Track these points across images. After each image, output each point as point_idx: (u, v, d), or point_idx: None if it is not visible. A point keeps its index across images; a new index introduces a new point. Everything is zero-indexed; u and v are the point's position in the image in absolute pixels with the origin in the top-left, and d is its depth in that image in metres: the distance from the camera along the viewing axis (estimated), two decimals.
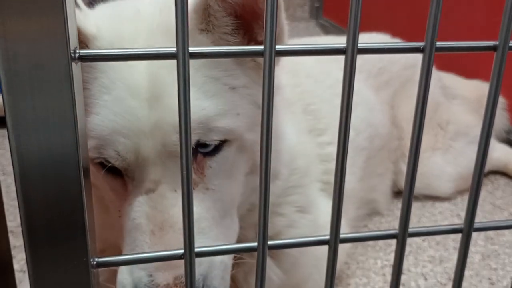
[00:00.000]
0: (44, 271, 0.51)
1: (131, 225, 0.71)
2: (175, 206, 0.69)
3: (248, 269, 0.93)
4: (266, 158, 0.52)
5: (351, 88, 0.50)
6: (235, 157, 0.76)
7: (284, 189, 0.97)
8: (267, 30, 0.47)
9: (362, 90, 1.51)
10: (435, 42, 0.50)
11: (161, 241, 0.68)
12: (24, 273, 1.22)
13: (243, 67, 0.76)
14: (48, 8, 0.42)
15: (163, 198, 0.70)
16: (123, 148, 0.68)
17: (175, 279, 0.66)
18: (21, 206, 0.48)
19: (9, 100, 0.44)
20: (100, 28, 0.73)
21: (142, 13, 0.76)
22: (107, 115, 0.68)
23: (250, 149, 0.78)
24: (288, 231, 0.96)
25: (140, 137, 0.68)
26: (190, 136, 0.49)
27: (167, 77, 0.69)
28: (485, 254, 1.39)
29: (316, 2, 3.97)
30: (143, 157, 0.69)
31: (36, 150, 0.46)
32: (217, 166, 0.74)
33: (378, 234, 0.61)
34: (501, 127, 1.91)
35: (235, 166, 0.77)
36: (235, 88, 0.74)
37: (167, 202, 0.70)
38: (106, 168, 0.71)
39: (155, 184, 0.70)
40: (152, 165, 0.70)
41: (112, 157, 0.69)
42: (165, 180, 0.70)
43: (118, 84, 0.69)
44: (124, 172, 0.72)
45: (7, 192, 1.54)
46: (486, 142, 0.56)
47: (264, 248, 0.55)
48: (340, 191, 0.55)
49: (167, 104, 0.68)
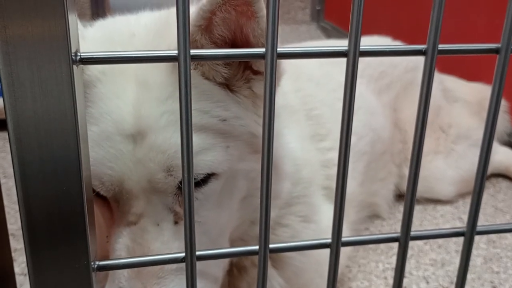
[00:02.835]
0: (45, 275, 0.50)
1: (114, 256, 0.71)
2: (156, 240, 0.69)
3: (252, 279, 0.93)
4: (268, 159, 0.52)
5: (353, 91, 0.50)
6: (225, 187, 0.75)
7: (288, 200, 0.97)
8: (269, 32, 0.47)
9: (364, 94, 1.51)
10: (437, 45, 0.50)
11: (138, 275, 0.68)
12: (25, 276, 1.22)
13: (236, 97, 0.75)
14: (49, 12, 0.42)
15: (143, 232, 0.70)
16: (108, 179, 0.68)
17: None
18: (22, 209, 0.48)
19: (10, 103, 0.44)
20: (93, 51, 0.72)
21: (136, 38, 0.75)
22: (93, 147, 0.67)
23: (244, 177, 0.77)
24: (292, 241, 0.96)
25: (124, 172, 0.68)
26: (191, 138, 0.49)
27: (155, 110, 0.68)
28: (487, 257, 1.39)
29: (317, 5, 3.97)
30: (126, 190, 0.69)
31: (37, 152, 0.46)
32: (204, 198, 0.73)
33: (380, 237, 0.61)
34: (503, 130, 1.91)
35: (226, 196, 0.76)
36: (226, 120, 0.73)
37: (148, 236, 0.69)
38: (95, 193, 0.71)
39: (137, 217, 0.70)
40: (135, 199, 0.70)
41: (97, 186, 0.69)
42: (148, 214, 0.70)
43: (105, 117, 0.68)
44: (110, 200, 0.72)
45: (8, 195, 1.54)
46: (489, 144, 0.56)
47: (266, 251, 0.55)
48: (341, 196, 0.55)
49: (153, 141, 0.68)
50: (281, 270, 0.95)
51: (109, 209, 0.74)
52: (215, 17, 0.67)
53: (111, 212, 0.74)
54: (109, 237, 0.73)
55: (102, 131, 0.68)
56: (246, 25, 0.69)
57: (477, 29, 2.06)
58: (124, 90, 0.69)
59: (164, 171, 0.68)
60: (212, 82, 0.73)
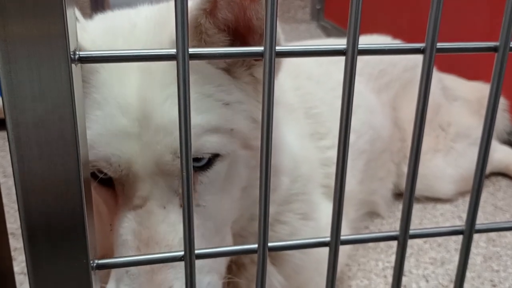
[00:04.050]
0: (44, 273, 0.51)
1: (119, 241, 0.71)
2: (162, 223, 0.69)
3: (251, 276, 0.93)
4: (267, 159, 0.52)
5: (351, 89, 0.50)
6: (228, 172, 0.75)
7: (287, 197, 0.97)
8: (267, 31, 0.47)
9: (363, 92, 1.51)
10: (435, 43, 0.50)
11: (147, 250, 0.68)
12: (24, 275, 1.22)
13: (238, 82, 0.76)
14: (48, 10, 0.42)
15: (150, 214, 0.70)
16: (115, 160, 0.68)
17: None
18: (21, 208, 0.48)
19: (9, 101, 0.44)
20: (95, 42, 0.73)
21: (138, 29, 0.76)
22: (99, 130, 0.68)
23: (245, 164, 0.77)
24: (291, 239, 0.96)
25: (131, 154, 0.68)
26: (191, 136, 0.49)
27: (159, 94, 0.69)
28: (487, 256, 1.39)
29: (317, 4, 3.97)
30: (133, 173, 0.69)
31: (36, 151, 0.46)
32: (209, 182, 0.73)
33: (379, 235, 0.61)
34: (502, 128, 1.91)
35: (228, 182, 0.76)
36: (229, 104, 0.74)
37: (154, 218, 0.69)
38: (98, 179, 0.71)
39: (143, 200, 0.70)
40: (141, 182, 0.70)
41: (105, 167, 0.69)
42: (154, 197, 0.70)
43: (110, 101, 0.69)
44: (115, 183, 0.72)
45: (7, 194, 1.54)
46: (487, 142, 0.56)
47: (265, 250, 0.55)
48: (340, 194, 0.55)
49: (159, 124, 0.68)
50: (280, 267, 0.95)
51: (113, 195, 0.73)
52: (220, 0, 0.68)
53: (115, 199, 0.73)
54: (113, 225, 0.73)
55: (107, 115, 0.68)
56: (250, 8, 0.69)
57: (476, 27, 2.06)
58: (127, 75, 0.70)
59: (171, 153, 0.68)
60: (215, 67, 0.74)
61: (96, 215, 0.78)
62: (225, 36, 0.74)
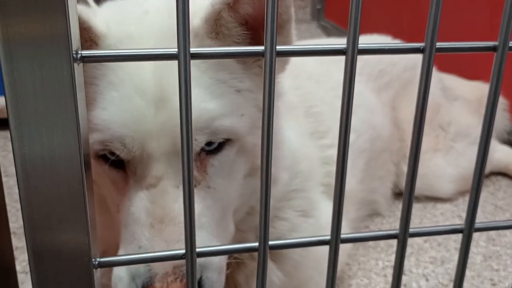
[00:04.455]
0: (46, 272, 0.51)
1: (129, 219, 0.71)
2: (176, 202, 0.69)
3: (250, 272, 0.93)
4: (267, 158, 0.52)
5: (351, 89, 0.50)
6: (236, 157, 0.77)
7: (286, 193, 0.97)
8: (268, 30, 0.47)
9: (363, 92, 1.51)
10: (435, 43, 0.50)
11: (160, 234, 0.68)
12: (26, 274, 1.22)
13: (248, 72, 0.78)
14: (50, 10, 0.43)
15: (164, 193, 0.70)
16: (129, 141, 0.69)
17: (174, 269, 0.65)
18: (23, 207, 0.48)
19: (11, 100, 0.45)
20: (110, 26, 0.73)
21: (151, 15, 0.77)
22: (115, 111, 0.69)
23: (250, 151, 0.79)
24: (291, 235, 0.96)
25: (146, 135, 0.69)
26: (192, 137, 0.50)
27: (175, 76, 0.70)
28: (487, 255, 1.39)
29: (317, 4, 3.97)
30: (148, 153, 0.70)
31: (38, 151, 0.46)
32: (219, 165, 0.74)
33: (379, 234, 0.61)
34: (502, 128, 1.91)
35: (235, 167, 0.78)
36: (240, 91, 0.75)
37: (168, 197, 0.70)
38: (109, 161, 0.72)
39: (157, 180, 0.70)
40: (156, 162, 0.70)
41: (118, 149, 0.70)
42: (168, 177, 0.70)
43: (126, 83, 0.70)
44: (127, 165, 0.72)
45: (9, 194, 1.54)
46: (487, 141, 0.56)
47: (265, 248, 0.55)
48: (340, 192, 0.55)
49: (175, 106, 0.69)
50: (280, 263, 0.96)
51: (124, 177, 0.74)
52: None
53: (125, 181, 0.74)
54: (121, 206, 0.73)
55: (124, 96, 0.69)
56: None
57: (475, 27, 2.06)
58: None
59: None
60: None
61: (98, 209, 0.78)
62: (244, 30, 0.75)
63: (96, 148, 0.70)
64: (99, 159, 0.73)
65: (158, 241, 0.67)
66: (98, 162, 0.73)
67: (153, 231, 0.68)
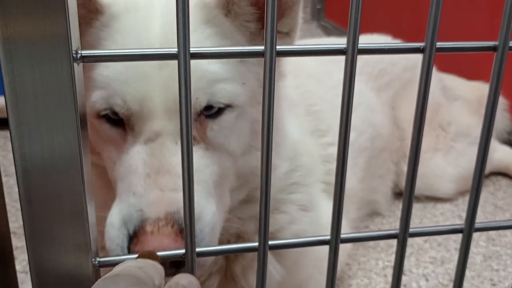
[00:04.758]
0: (46, 271, 0.51)
1: (126, 171, 0.70)
2: (174, 156, 0.69)
3: (247, 263, 0.93)
4: (267, 158, 0.52)
5: (351, 88, 0.50)
6: (235, 126, 0.77)
7: (286, 186, 0.97)
8: (268, 30, 0.47)
9: (363, 91, 1.51)
10: (435, 42, 0.50)
11: (156, 183, 0.67)
12: (26, 274, 1.22)
13: (252, 44, 0.79)
14: (50, 10, 0.43)
15: (162, 147, 0.70)
16: (130, 98, 0.69)
17: (167, 214, 0.64)
18: (23, 207, 0.48)
19: (11, 100, 0.45)
20: None
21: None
22: (118, 67, 0.69)
23: (249, 123, 0.79)
24: (290, 227, 0.96)
25: (149, 91, 0.69)
26: (192, 139, 0.50)
27: None
28: (487, 255, 1.39)
29: (317, 3, 3.97)
30: (148, 109, 0.70)
31: (38, 150, 0.46)
32: (219, 130, 0.74)
33: (379, 234, 0.61)
34: (502, 128, 1.91)
35: (234, 136, 0.78)
36: (243, 61, 0.76)
37: (166, 151, 0.69)
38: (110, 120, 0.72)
39: (156, 135, 0.70)
40: (155, 118, 0.70)
41: (118, 105, 0.70)
42: (167, 132, 0.70)
43: (132, 44, 0.71)
44: (127, 122, 0.72)
45: (9, 193, 1.54)
46: (487, 141, 0.56)
47: (265, 248, 0.55)
48: (340, 191, 0.55)
49: None
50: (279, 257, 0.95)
51: (123, 135, 0.73)
52: None
53: (124, 138, 0.73)
54: (118, 162, 0.73)
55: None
56: None
57: (476, 27, 2.06)
58: (151, 20, 0.72)
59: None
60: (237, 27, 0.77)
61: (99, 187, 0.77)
62: (255, 9, 0.77)
63: (97, 108, 0.71)
64: (100, 119, 0.73)
65: (153, 189, 0.67)
66: (99, 122, 0.73)
67: (150, 181, 0.67)
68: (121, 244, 0.65)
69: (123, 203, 0.68)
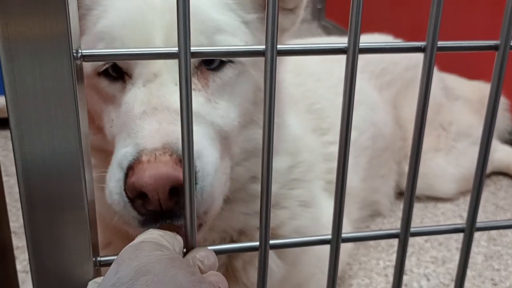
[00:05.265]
0: (47, 271, 0.51)
1: (122, 119, 0.68)
2: (174, 94, 0.66)
3: (248, 259, 0.93)
4: (268, 160, 0.52)
5: (352, 87, 0.50)
6: (237, 85, 0.76)
7: (287, 182, 0.97)
8: (268, 30, 0.47)
9: (365, 89, 1.51)
10: (436, 42, 0.50)
11: (153, 118, 0.64)
12: (27, 273, 1.22)
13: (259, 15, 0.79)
14: (50, 9, 0.43)
15: (162, 85, 0.68)
16: (129, 42, 0.69)
17: (164, 144, 0.60)
18: (24, 206, 0.48)
19: (12, 99, 0.45)
20: None
21: None
22: (119, 14, 0.69)
23: (252, 85, 0.78)
24: (291, 222, 0.96)
25: (149, 36, 0.69)
26: (192, 136, 0.50)
27: None
28: (488, 255, 1.39)
29: (318, 3, 3.96)
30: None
31: (38, 149, 0.46)
32: (221, 84, 0.73)
33: (380, 233, 0.61)
34: (504, 128, 1.91)
35: (236, 95, 0.76)
36: (248, 23, 0.77)
37: (165, 89, 0.67)
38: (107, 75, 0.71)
39: (155, 75, 0.69)
40: (155, 62, 0.69)
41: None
42: (167, 73, 0.68)
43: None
44: (126, 70, 0.71)
45: (9, 193, 1.54)
46: (488, 141, 0.56)
47: (266, 248, 0.55)
48: (342, 190, 0.55)
49: None
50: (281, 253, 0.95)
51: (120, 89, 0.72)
52: None
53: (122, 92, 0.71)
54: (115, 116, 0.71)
55: (133, 6, 0.70)
56: None
57: (477, 26, 2.06)
58: None
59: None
60: None
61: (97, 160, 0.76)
62: None
63: (96, 64, 0.70)
64: (100, 76, 0.72)
65: (151, 122, 0.63)
66: (99, 80, 0.72)
67: (146, 116, 0.65)
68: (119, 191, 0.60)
69: (119, 151, 0.64)
